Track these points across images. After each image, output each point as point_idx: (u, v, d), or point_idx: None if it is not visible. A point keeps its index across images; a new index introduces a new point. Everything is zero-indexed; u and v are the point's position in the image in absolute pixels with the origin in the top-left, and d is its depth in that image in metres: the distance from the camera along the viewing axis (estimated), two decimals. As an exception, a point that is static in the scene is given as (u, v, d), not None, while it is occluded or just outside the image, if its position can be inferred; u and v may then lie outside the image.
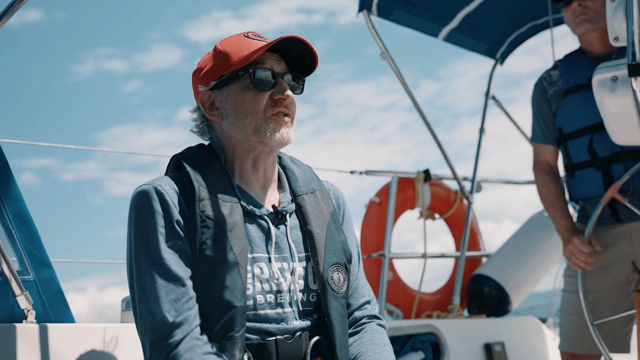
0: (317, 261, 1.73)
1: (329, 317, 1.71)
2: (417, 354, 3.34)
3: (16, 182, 2.09)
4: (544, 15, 4.24)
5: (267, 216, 1.74)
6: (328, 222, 1.80)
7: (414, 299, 4.22)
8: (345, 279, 1.77)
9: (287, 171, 1.87)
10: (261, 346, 1.63)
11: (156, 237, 1.59)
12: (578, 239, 2.91)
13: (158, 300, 1.55)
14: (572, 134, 3.04)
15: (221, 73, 1.73)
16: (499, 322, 3.99)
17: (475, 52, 4.52)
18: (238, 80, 1.72)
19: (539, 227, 4.41)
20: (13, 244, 2.04)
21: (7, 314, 1.95)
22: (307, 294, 1.74)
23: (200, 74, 1.78)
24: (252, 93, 1.70)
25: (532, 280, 4.34)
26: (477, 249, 4.57)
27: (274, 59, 1.73)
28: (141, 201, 1.63)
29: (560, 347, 3.14)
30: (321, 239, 1.76)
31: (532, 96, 3.22)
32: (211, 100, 1.76)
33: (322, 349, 1.72)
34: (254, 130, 1.70)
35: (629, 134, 2.62)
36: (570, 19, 3.10)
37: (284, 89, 1.71)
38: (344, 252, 1.80)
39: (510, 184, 5.03)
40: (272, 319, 1.66)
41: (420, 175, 4.29)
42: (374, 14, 3.83)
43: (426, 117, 4.15)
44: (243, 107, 1.71)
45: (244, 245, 1.63)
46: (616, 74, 2.55)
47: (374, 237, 4.14)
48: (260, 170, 1.78)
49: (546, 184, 3.15)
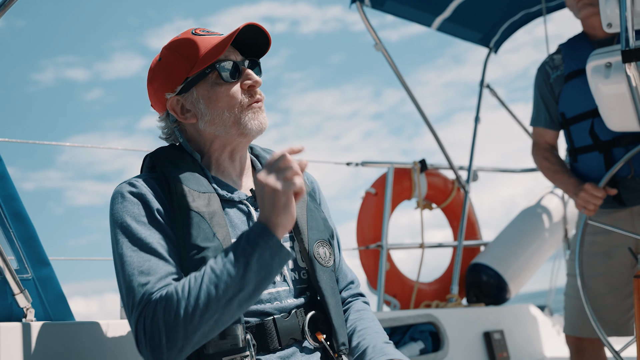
0: (301, 239, 1.76)
1: (320, 290, 1.74)
2: (417, 343, 3.35)
3: (12, 181, 2.09)
4: (537, 3, 4.24)
5: (247, 200, 1.76)
6: (307, 201, 1.84)
7: (412, 289, 4.23)
8: (331, 253, 1.80)
9: (260, 159, 1.91)
10: (260, 326, 1.65)
11: (137, 225, 1.59)
12: (590, 185, 2.87)
13: (139, 274, 1.53)
14: (574, 119, 3.04)
15: (184, 76, 1.73)
16: (497, 310, 4.01)
17: (469, 41, 4.52)
18: (205, 78, 1.72)
19: (536, 215, 4.42)
20: (11, 243, 2.04)
21: (6, 313, 1.95)
22: (297, 272, 1.76)
23: (159, 82, 1.78)
24: (223, 87, 1.72)
25: (530, 268, 4.36)
26: (475, 238, 4.58)
27: (230, 50, 1.75)
28: (118, 197, 1.64)
29: (565, 331, 3.15)
30: (302, 217, 1.79)
31: (535, 80, 3.22)
32: (180, 105, 1.76)
33: (319, 323, 1.74)
34: (234, 123, 1.72)
35: (624, 119, 2.63)
36: (572, 3, 3.10)
37: (252, 76, 1.73)
38: (326, 229, 1.83)
39: (506, 172, 5.04)
40: (266, 299, 1.68)
41: (417, 166, 4.29)
42: (367, 5, 3.83)
43: (421, 108, 4.16)
44: (218, 103, 1.72)
45: (226, 232, 1.65)
46: (610, 60, 2.55)
47: (370, 228, 4.15)
48: (236, 159, 1.81)
49: (546, 157, 3.16)
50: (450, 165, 4.43)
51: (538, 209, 4.44)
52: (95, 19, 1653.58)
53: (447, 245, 4.46)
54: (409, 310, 3.91)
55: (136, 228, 1.59)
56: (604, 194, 2.84)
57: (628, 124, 2.63)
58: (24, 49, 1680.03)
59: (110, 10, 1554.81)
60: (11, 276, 1.94)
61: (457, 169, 4.47)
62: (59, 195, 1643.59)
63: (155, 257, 1.56)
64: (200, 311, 1.45)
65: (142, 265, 1.54)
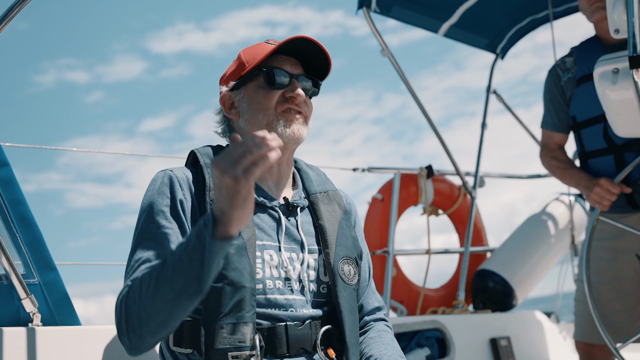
0: (327, 253, 1.77)
1: (338, 306, 1.74)
2: (423, 350, 3.34)
3: (19, 186, 2.09)
4: (544, 9, 4.23)
5: (279, 207, 1.78)
6: (340, 219, 1.85)
7: (418, 295, 4.22)
8: (356, 272, 1.81)
9: (301, 173, 1.94)
10: (271, 330, 1.66)
11: (157, 215, 1.64)
12: (606, 180, 2.85)
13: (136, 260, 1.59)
14: (586, 122, 3.03)
15: (240, 74, 1.82)
16: (504, 316, 3.99)
17: (476, 47, 4.51)
18: (254, 79, 1.81)
19: (542, 221, 4.41)
20: (17, 248, 2.05)
21: (13, 318, 1.96)
22: (317, 285, 1.77)
23: (224, 78, 1.88)
24: (265, 91, 1.79)
25: (537, 274, 4.34)
26: (481, 244, 4.57)
27: (292, 63, 1.82)
28: (153, 183, 1.71)
29: (575, 337, 3.12)
30: (332, 233, 1.81)
31: (545, 83, 3.21)
32: (231, 101, 1.86)
33: (332, 339, 1.74)
34: (266, 126, 1.77)
35: (631, 125, 2.62)
36: (586, 7, 3.10)
37: (295, 88, 1.78)
38: (355, 248, 1.84)
39: (513, 179, 5.02)
40: (281, 304, 1.69)
41: (423, 171, 4.28)
42: (374, 10, 3.83)
43: (427, 113, 4.15)
44: (256, 104, 1.78)
45: (252, 232, 1.67)
46: (617, 66, 2.54)
47: (377, 234, 4.14)
48: (274, 166, 1.82)
49: (555, 157, 3.15)
50: (457, 171, 4.42)
51: (544, 215, 4.42)
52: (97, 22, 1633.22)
53: (453, 252, 4.45)
54: (415, 316, 3.90)
55: (156, 216, 1.64)
56: (619, 190, 2.83)
57: (635, 129, 2.63)
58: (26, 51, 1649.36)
59: (112, 13, 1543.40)
60: (18, 281, 1.95)
61: (464, 175, 4.46)
62: (59, 198, 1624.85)
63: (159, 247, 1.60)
64: (151, 299, 1.46)
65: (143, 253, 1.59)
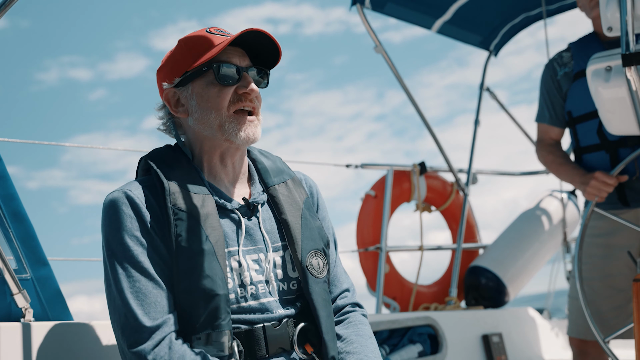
0: (294, 249, 1.74)
1: (312, 302, 1.71)
2: (415, 346, 3.35)
3: (12, 181, 2.09)
4: (538, 6, 4.24)
5: (239, 209, 1.74)
6: (302, 209, 1.81)
7: (411, 291, 4.23)
8: (325, 263, 1.77)
9: (256, 164, 1.87)
10: (249, 333, 1.64)
11: (130, 241, 1.60)
12: (601, 173, 2.85)
13: (135, 305, 1.56)
14: (581, 117, 3.04)
15: (185, 69, 1.73)
16: (496, 313, 4.00)
17: (469, 44, 4.52)
18: (202, 76, 1.72)
19: (535, 218, 4.42)
20: (9, 243, 2.04)
21: (5, 313, 1.95)
22: (287, 282, 1.74)
23: (164, 72, 1.77)
24: (216, 89, 1.70)
25: (529, 271, 4.35)
26: (474, 241, 4.58)
27: (238, 54, 1.74)
28: (112, 208, 1.64)
29: (569, 333, 3.14)
30: (296, 226, 1.76)
31: (542, 77, 3.21)
32: (176, 97, 1.76)
33: (309, 335, 1.72)
34: (219, 126, 1.70)
35: (624, 123, 2.63)
36: (585, 3, 3.10)
37: (248, 83, 1.71)
38: (321, 238, 1.80)
39: (506, 175, 5.04)
40: (256, 309, 1.67)
41: (416, 168, 4.29)
42: (367, 7, 3.83)
43: (421, 111, 4.15)
44: (207, 103, 1.70)
45: (219, 234, 1.64)
46: (610, 64, 2.55)
47: (370, 230, 4.14)
48: (228, 165, 1.78)
49: (551, 151, 3.16)
50: (449, 168, 4.43)
51: (537, 211, 4.44)
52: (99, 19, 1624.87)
53: (446, 248, 4.46)
54: (407, 312, 3.91)
55: (129, 244, 1.60)
56: (616, 182, 2.83)
57: (628, 127, 2.64)
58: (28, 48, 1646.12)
59: (114, 10, 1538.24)
60: (10, 276, 1.94)
61: (457, 172, 4.47)
62: (62, 195, 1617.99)
63: (146, 279, 1.58)
64: None
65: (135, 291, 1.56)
